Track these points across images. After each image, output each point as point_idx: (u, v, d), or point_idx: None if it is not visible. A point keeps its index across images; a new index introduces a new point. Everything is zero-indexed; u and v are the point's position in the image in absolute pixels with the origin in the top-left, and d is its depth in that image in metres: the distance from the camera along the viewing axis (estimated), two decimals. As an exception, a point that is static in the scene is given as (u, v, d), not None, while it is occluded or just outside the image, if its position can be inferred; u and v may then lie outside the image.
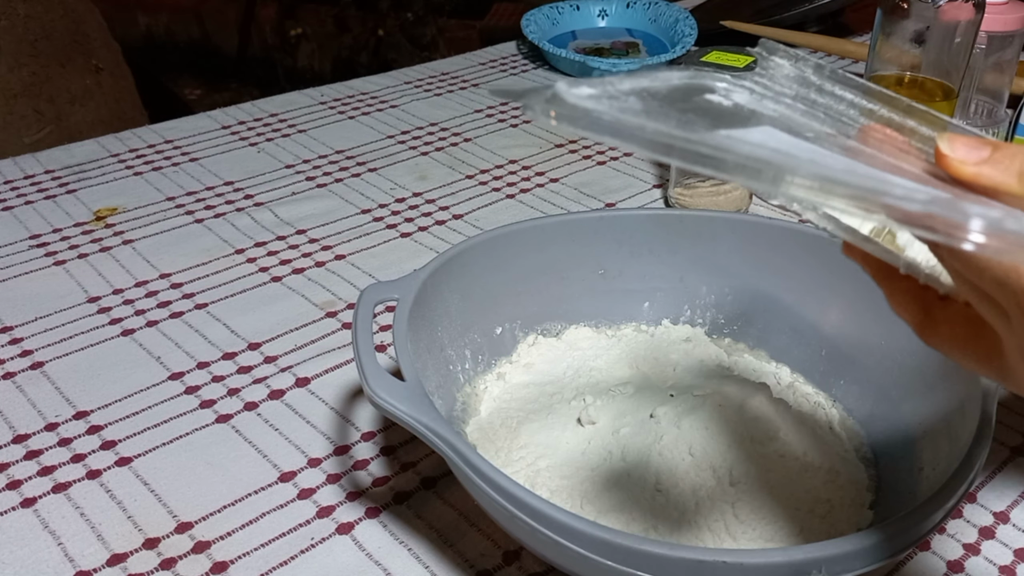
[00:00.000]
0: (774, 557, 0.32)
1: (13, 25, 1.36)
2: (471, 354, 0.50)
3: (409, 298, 0.44)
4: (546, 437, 0.47)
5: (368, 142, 0.85)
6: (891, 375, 0.49)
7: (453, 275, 0.48)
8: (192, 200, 0.75)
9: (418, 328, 0.44)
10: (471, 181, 0.78)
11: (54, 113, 1.42)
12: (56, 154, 0.81)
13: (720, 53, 0.70)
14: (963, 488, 0.35)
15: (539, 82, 1.00)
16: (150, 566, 0.43)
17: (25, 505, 0.46)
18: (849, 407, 0.50)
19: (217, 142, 0.85)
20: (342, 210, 0.74)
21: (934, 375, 0.45)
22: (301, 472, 0.48)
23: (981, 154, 0.25)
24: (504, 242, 0.51)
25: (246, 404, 0.53)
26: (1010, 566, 0.43)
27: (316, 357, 0.57)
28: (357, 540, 0.44)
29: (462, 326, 0.50)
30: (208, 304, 0.62)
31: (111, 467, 0.48)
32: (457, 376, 0.49)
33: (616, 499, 0.43)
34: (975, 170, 0.25)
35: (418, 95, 0.96)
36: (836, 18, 1.15)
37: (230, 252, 0.68)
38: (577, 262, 0.54)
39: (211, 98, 2.23)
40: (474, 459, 0.35)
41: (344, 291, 0.63)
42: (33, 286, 0.63)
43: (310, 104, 0.93)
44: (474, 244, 0.50)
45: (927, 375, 0.46)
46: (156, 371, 0.55)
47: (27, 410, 0.52)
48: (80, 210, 0.73)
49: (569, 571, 0.36)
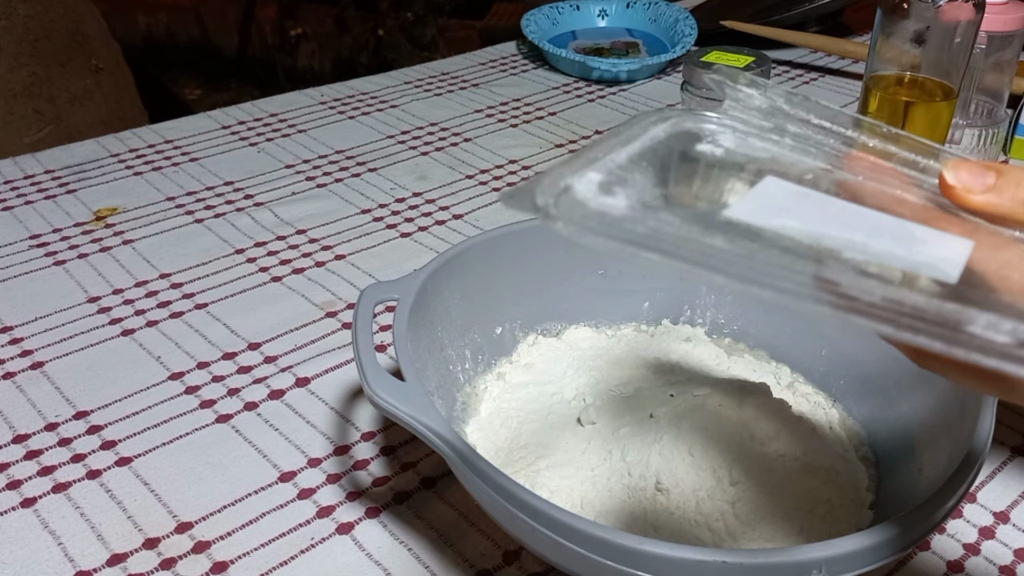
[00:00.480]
0: (774, 557, 0.32)
1: (13, 25, 1.36)
2: (471, 354, 0.50)
3: (409, 298, 0.44)
4: (546, 437, 0.47)
5: (368, 142, 0.85)
6: (891, 374, 0.49)
7: (453, 275, 0.48)
8: (192, 200, 0.75)
9: (418, 328, 0.44)
10: (471, 181, 0.78)
11: (54, 113, 1.42)
12: (56, 154, 0.81)
13: (720, 53, 0.70)
14: (963, 488, 0.35)
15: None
16: (150, 566, 0.43)
17: (25, 505, 0.46)
18: (849, 407, 0.50)
19: (217, 142, 0.85)
20: (342, 210, 0.74)
21: (934, 375, 0.45)
22: (301, 472, 0.48)
23: (986, 181, 0.25)
24: (504, 242, 0.51)
25: (246, 404, 0.53)
26: (1010, 566, 0.43)
27: (316, 357, 0.57)
28: (357, 540, 0.44)
29: (462, 326, 0.50)
30: (208, 304, 0.62)
31: (111, 467, 0.48)
32: (457, 376, 0.49)
33: (616, 499, 0.43)
34: (983, 199, 0.25)
35: (418, 95, 0.96)
36: (836, 18, 1.15)
37: (230, 252, 0.68)
38: (577, 262, 0.54)
39: (211, 98, 2.23)
40: (474, 459, 0.35)
41: (344, 291, 0.63)
42: (33, 286, 0.63)
43: (310, 104, 0.93)
44: (474, 244, 0.50)
45: (927, 375, 0.46)
46: (156, 371, 0.55)
47: (27, 410, 0.52)
48: (80, 210, 0.73)
49: (569, 571, 0.36)
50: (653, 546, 0.32)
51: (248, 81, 2.43)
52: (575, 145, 0.85)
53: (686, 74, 0.68)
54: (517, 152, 0.84)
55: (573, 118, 0.91)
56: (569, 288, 0.54)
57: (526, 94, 0.97)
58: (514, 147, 0.85)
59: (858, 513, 0.43)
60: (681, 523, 0.42)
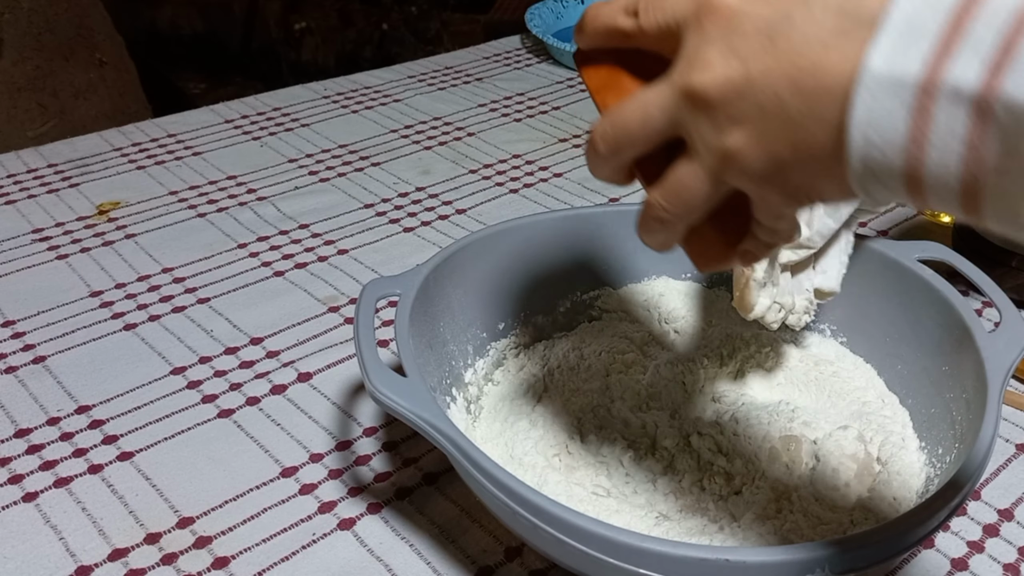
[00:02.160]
0: (777, 555, 0.32)
1: (17, 19, 1.36)
2: (473, 349, 0.50)
3: (411, 293, 0.44)
4: (550, 432, 0.47)
5: (371, 136, 0.85)
6: (895, 372, 0.49)
7: (455, 270, 0.48)
8: (195, 194, 0.75)
9: (420, 323, 0.44)
10: (474, 176, 0.78)
11: (58, 107, 1.42)
12: (59, 148, 0.81)
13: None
14: (967, 486, 0.35)
15: (544, 77, 1.00)
16: (151, 561, 0.42)
17: (27, 500, 0.46)
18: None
19: (220, 136, 0.85)
20: (345, 205, 0.73)
21: (938, 373, 0.45)
22: (303, 467, 0.48)
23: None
24: (506, 237, 0.51)
25: (248, 399, 0.53)
26: (1014, 564, 0.43)
27: (318, 352, 0.57)
28: (359, 536, 0.44)
29: (464, 321, 0.50)
30: (210, 299, 0.61)
31: (113, 462, 0.48)
32: (460, 371, 0.49)
33: (621, 495, 0.43)
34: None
35: (421, 89, 0.96)
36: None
37: (232, 247, 0.68)
38: (582, 255, 0.54)
39: (215, 92, 2.23)
40: (476, 456, 0.35)
41: (346, 286, 0.63)
42: (36, 280, 0.63)
43: (313, 98, 0.93)
44: (476, 239, 0.49)
45: (931, 372, 0.46)
46: (158, 366, 0.55)
47: (29, 404, 0.52)
48: (83, 204, 0.73)
49: (571, 568, 0.36)
50: (656, 544, 0.32)
51: (252, 75, 2.42)
52: (579, 140, 0.85)
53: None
54: (520, 147, 0.83)
55: (577, 112, 0.91)
56: (572, 281, 0.54)
57: (530, 88, 0.97)
58: (517, 142, 0.84)
59: (862, 511, 0.43)
60: (684, 521, 0.42)
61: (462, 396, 0.48)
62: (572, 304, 0.54)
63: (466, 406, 0.48)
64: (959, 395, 0.42)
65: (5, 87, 1.35)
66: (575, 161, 0.81)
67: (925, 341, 0.46)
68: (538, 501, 0.33)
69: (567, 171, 0.79)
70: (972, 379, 0.41)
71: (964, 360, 0.42)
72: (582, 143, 0.84)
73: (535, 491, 0.34)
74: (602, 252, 0.54)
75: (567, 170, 0.79)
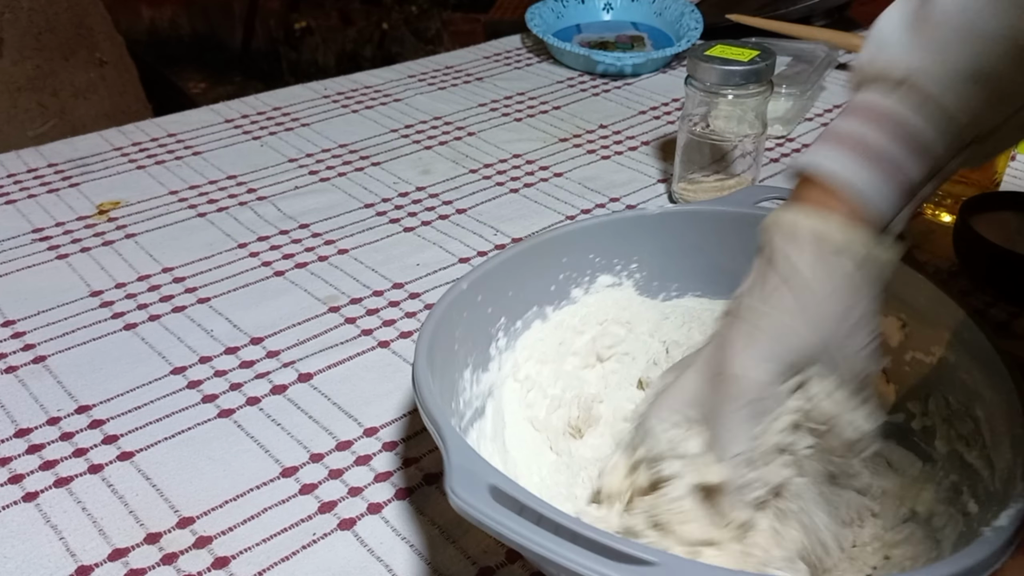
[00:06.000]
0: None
1: (17, 18, 1.36)
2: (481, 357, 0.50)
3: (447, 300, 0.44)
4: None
5: (371, 136, 0.85)
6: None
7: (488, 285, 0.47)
8: (195, 194, 0.74)
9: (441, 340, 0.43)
10: (475, 175, 0.78)
11: (58, 107, 1.42)
12: (59, 147, 0.81)
13: (724, 47, 0.69)
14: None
15: (544, 77, 1.00)
16: (151, 561, 0.42)
17: (27, 499, 0.46)
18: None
19: (220, 136, 0.85)
20: (345, 204, 0.73)
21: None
22: (303, 467, 0.48)
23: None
24: (544, 248, 0.50)
25: (248, 399, 0.53)
26: None
27: (319, 352, 0.56)
28: (359, 536, 0.44)
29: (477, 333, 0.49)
30: (211, 299, 0.61)
31: (113, 461, 0.48)
32: (464, 387, 0.48)
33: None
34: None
35: (422, 89, 0.96)
36: (843, 12, 1.14)
37: (233, 246, 0.68)
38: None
39: (215, 91, 2.23)
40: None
41: (347, 286, 0.63)
42: (35, 280, 0.63)
43: (314, 98, 0.93)
44: (513, 254, 0.49)
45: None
46: (158, 365, 0.55)
47: (29, 404, 0.52)
48: (83, 204, 0.73)
49: None
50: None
51: (252, 75, 2.42)
52: (579, 139, 0.85)
53: (690, 68, 0.68)
54: (521, 146, 0.83)
55: (578, 112, 0.91)
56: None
57: (530, 88, 0.97)
58: (518, 141, 0.84)
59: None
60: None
61: (465, 401, 0.47)
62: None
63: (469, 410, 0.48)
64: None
65: (5, 87, 1.35)
66: (575, 161, 0.81)
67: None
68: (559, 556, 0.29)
69: (568, 171, 0.79)
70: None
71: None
72: (582, 143, 0.84)
73: (553, 539, 0.30)
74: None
75: (568, 170, 0.79)
